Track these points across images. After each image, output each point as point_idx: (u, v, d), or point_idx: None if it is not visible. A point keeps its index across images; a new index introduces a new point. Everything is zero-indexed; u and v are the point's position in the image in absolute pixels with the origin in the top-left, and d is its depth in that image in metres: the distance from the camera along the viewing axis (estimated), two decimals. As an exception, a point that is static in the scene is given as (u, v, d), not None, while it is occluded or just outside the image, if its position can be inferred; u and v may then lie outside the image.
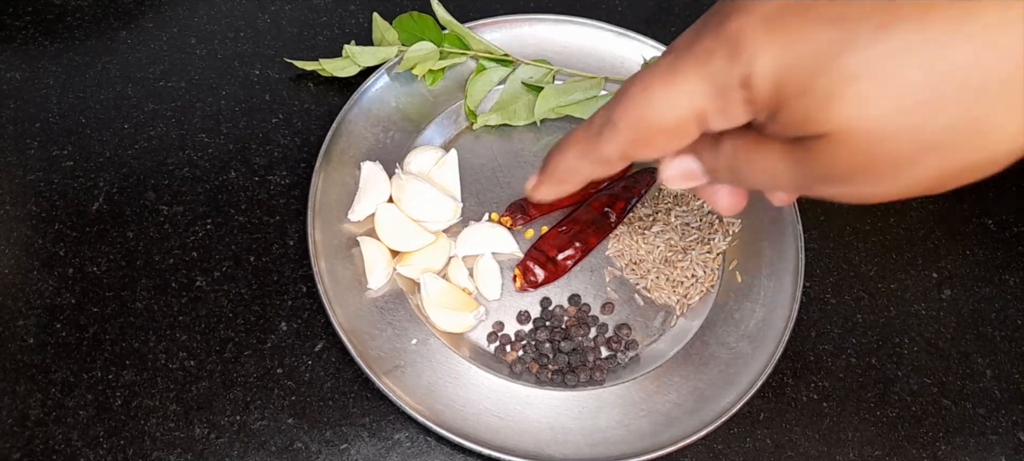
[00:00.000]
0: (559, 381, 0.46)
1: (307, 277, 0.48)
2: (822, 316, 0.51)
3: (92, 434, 0.43)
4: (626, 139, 0.31)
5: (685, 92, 0.28)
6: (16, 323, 0.45)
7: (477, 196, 0.52)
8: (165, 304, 0.47)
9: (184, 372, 0.45)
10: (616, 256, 0.51)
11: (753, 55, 0.26)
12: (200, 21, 0.57)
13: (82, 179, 0.50)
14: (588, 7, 0.62)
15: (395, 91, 0.54)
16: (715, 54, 0.27)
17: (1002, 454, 0.47)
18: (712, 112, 0.28)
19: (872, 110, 0.25)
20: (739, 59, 0.27)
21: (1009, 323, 0.52)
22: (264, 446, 0.43)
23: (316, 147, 0.51)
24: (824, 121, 0.26)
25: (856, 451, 0.47)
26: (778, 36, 0.26)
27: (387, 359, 0.45)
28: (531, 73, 0.55)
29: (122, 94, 0.53)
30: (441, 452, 0.44)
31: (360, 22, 0.58)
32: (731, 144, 0.30)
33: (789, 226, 0.51)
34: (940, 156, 0.27)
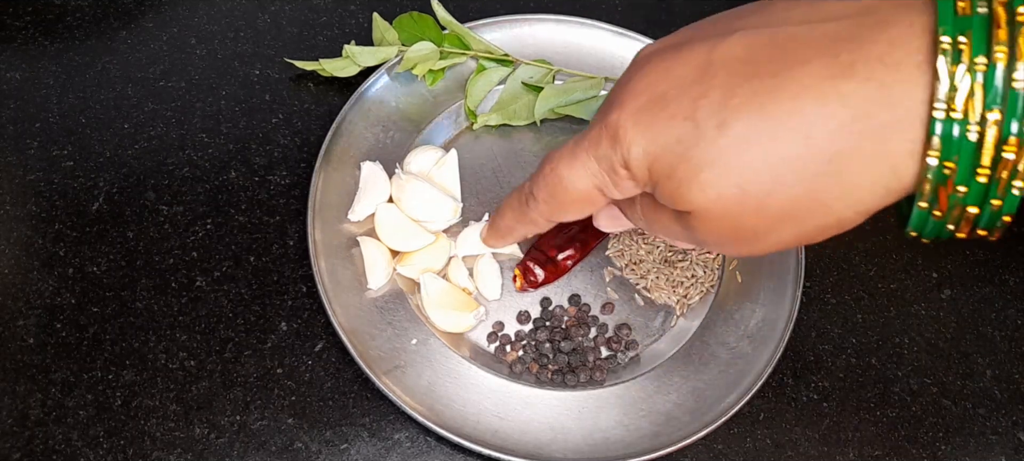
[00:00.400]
0: (559, 381, 0.46)
1: (307, 277, 0.48)
2: (822, 316, 0.51)
3: (92, 434, 0.43)
4: (546, 209, 0.38)
5: (583, 171, 0.35)
6: (16, 323, 0.45)
7: (477, 196, 0.52)
8: (165, 304, 0.47)
9: (184, 372, 0.45)
10: (616, 256, 0.51)
11: (629, 143, 0.32)
12: (200, 21, 0.57)
13: (82, 179, 0.50)
14: (588, 7, 0.62)
15: (395, 91, 0.54)
16: (602, 141, 0.33)
17: (1002, 454, 0.47)
18: (608, 186, 0.34)
19: (720, 192, 0.30)
20: (618, 146, 0.32)
21: (1009, 323, 0.52)
22: (264, 446, 0.43)
23: (316, 147, 0.51)
24: (687, 201, 0.31)
25: (856, 451, 0.47)
26: (644, 129, 0.31)
27: (387, 359, 0.45)
28: (531, 73, 0.55)
29: (122, 94, 0.53)
30: (441, 452, 0.44)
31: (360, 22, 0.58)
32: (640, 206, 0.36)
33: (789, 226, 0.51)
34: (794, 224, 0.31)
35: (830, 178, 0.29)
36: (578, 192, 0.35)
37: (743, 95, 0.29)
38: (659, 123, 0.31)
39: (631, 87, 0.32)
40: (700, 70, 0.31)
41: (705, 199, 0.31)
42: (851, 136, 0.28)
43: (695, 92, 0.30)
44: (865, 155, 0.28)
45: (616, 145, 0.32)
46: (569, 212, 0.37)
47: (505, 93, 0.54)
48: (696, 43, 0.32)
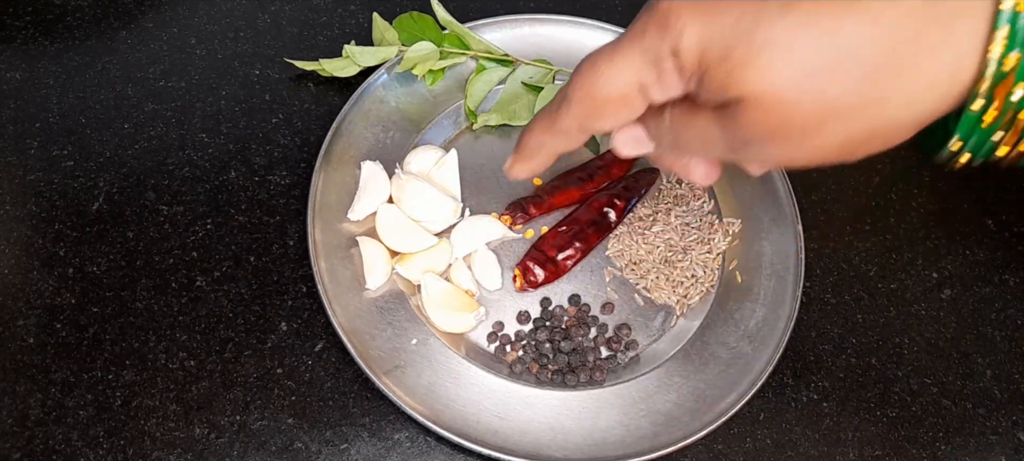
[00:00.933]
0: (559, 381, 0.46)
1: (307, 277, 0.48)
2: (822, 316, 0.51)
3: (92, 434, 0.43)
4: (580, 112, 0.35)
5: (626, 66, 0.32)
6: (16, 323, 0.45)
7: (477, 196, 0.52)
8: (165, 304, 0.47)
9: (184, 372, 0.45)
10: (616, 256, 0.51)
11: (680, 29, 0.30)
12: (200, 21, 0.57)
13: (82, 179, 0.50)
14: (588, 7, 0.62)
15: (395, 91, 0.54)
16: (648, 31, 0.31)
17: (1002, 454, 0.47)
18: (651, 82, 0.32)
19: (779, 76, 0.28)
20: (668, 33, 0.30)
21: (1009, 323, 0.52)
22: (264, 446, 0.43)
23: (316, 147, 0.51)
24: (739, 85, 0.29)
25: (856, 451, 0.47)
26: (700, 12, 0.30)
27: (387, 359, 0.45)
28: (531, 73, 0.55)
29: (122, 94, 0.53)
30: (441, 452, 0.44)
31: (360, 22, 0.58)
32: (671, 114, 0.34)
33: (789, 226, 0.51)
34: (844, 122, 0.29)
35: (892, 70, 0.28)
36: (617, 90, 0.33)
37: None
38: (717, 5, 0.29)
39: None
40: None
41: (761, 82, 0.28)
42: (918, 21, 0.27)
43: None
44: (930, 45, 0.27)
45: (665, 32, 0.30)
46: (604, 116, 0.34)
47: (505, 93, 0.54)
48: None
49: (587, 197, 0.53)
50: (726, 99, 0.30)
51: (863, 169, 0.57)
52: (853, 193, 0.56)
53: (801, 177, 0.56)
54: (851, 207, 0.55)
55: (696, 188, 0.53)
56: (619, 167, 0.54)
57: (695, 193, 0.53)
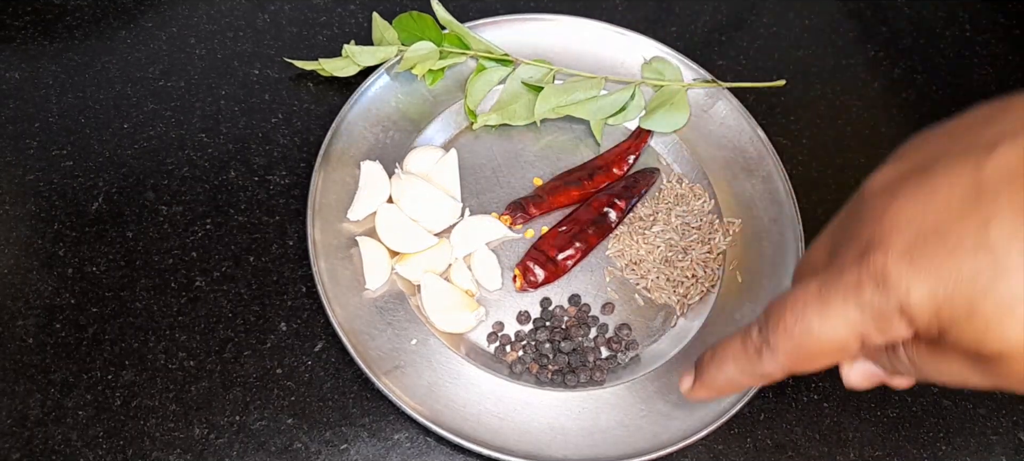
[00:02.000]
0: (559, 381, 0.46)
1: (307, 277, 0.48)
2: (822, 316, 0.51)
3: (91, 434, 0.43)
4: (788, 361, 0.33)
5: (842, 320, 0.30)
6: (16, 323, 0.45)
7: (477, 196, 0.52)
8: (165, 304, 0.47)
9: (184, 372, 0.45)
10: (616, 256, 0.51)
11: (907, 288, 0.28)
12: (200, 21, 0.57)
13: (81, 179, 0.50)
14: (588, 7, 0.62)
15: (395, 91, 0.53)
16: (864, 287, 0.29)
17: (1002, 454, 0.47)
18: (873, 332, 0.30)
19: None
20: (891, 292, 0.28)
21: (1009, 323, 0.51)
22: (264, 446, 0.43)
23: (316, 147, 0.51)
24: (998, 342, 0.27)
25: (856, 451, 0.46)
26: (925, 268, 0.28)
27: (387, 359, 0.45)
28: (531, 73, 0.55)
29: (121, 94, 0.53)
30: (441, 452, 0.44)
31: (360, 22, 0.58)
32: (908, 353, 0.32)
33: (789, 226, 0.51)
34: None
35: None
36: (833, 344, 0.31)
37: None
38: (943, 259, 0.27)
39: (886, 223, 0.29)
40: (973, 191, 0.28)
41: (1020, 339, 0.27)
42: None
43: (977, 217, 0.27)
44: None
45: (887, 291, 0.29)
46: (816, 364, 0.33)
47: (505, 93, 0.54)
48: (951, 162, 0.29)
49: (587, 197, 0.52)
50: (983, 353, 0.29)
51: (863, 169, 0.57)
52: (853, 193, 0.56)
53: (801, 177, 0.56)
54: (851, 207, 0.55)
55: (696, 188, 0.53)
56: (619, 167, 0.54)
57: (695, 193, 0.53)
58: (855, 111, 0.60)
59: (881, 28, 0.65)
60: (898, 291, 0.28)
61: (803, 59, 0.62)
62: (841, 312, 0.30)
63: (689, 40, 0.61)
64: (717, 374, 0.37)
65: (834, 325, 0.31)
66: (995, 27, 0.66)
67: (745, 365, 0.35)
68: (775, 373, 0.34)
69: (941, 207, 0.28)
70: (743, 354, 0.35)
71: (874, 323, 0.30)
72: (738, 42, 0.62)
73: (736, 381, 0.36)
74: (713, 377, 0.37)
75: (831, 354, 0.32)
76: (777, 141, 0.56)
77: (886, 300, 0.29)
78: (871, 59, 0.63)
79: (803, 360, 0.33)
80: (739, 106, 0.55)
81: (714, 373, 0.37)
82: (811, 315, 0.31)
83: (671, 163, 0.55)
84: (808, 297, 0.31)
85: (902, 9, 0.66)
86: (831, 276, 0.31)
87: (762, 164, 0.54)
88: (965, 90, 0.62)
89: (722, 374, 0.36)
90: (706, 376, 0.37)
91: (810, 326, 0.31)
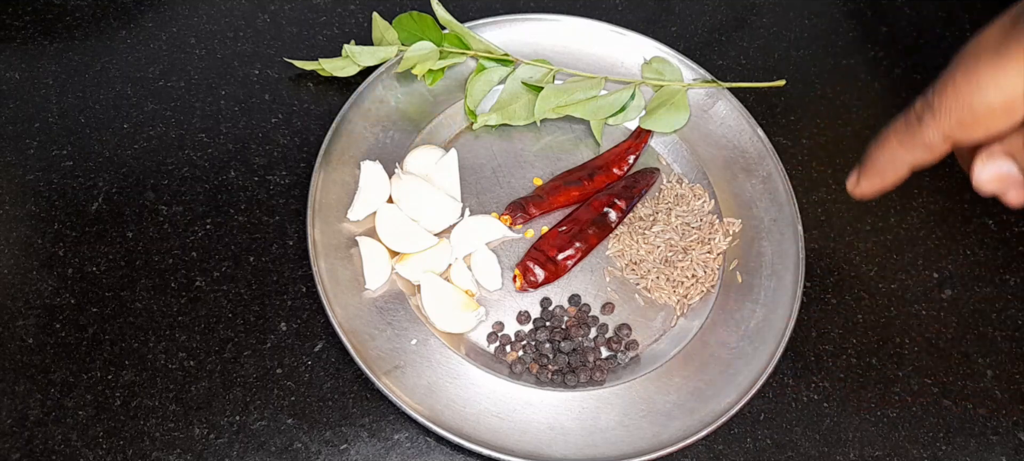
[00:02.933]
0: (559, 381, 0.46)
1: (307, 277, 0.48)
2: (822, 316, 0.51)
3: (91, 434, 0.43)
4: (951, 122, 0.32)
5: (1017, 74, 0.30)
6: (16, 323, 0.45)
7: (477, 196, 0.52)
8: (165, 304, 0.47)
9: (184, 372, 0.45)
10: (616, 256, 0.51)
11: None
12: (200, 21, 0.57)
13: (81, 179, 0.50)
14: (588, 7, 0.62)
15: (395, 91, 0.53)
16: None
17: (1002, 454, 0.47)
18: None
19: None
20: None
21: (1010, 323, 0.51)
22: (264, 446, 0.43)
23: (316, 147, 0.51)
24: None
25: (856, 451, 0.46)
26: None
27: (387, 359, 0.45)
28: (531, 73, 0.55)
29: (121, 94, 0.53)
30: (441, 452, 0.44)
31: (360, 22, 0.58)
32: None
33: (789, 226, 0.51)
34: None
35: None
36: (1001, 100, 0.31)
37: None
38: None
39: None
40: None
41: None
42: None
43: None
44: None
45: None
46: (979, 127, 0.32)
47: (505, 93, 0.54)
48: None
49: (587, 197, 0.52)
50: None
51: (863, 169, 0.57)
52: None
53: (801, 177, 0.56)
54: (851, 207, 0.55)
55: (696, 188, 0.53)
56: (619, 167, 0.54)
57: (695, 193, 0.53)
58: (855, 111, 0.60)
59: (881, 28, 0.65)
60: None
61: (803, 59, 0.62)
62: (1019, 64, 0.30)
63: (689, 40, 0.61)
64: (880, 154, 0.36)
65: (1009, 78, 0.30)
66: (995, 27, 0.66)
67: (906, 136, 0.35)
68: (936, 140, 0.34)
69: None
70: (905, 126, 0.35)
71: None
72: (738, 42, 0.62)
73: (898, 157, 0.36)
74: (876, 159, 0.37)
75: (997, 115, 0.31)
76: (777, 141, 0.56)
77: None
78: (871, 59, 0.63)
79: (966, 122, 0.32)
80: (739, 106, 0.55)
81: (877, 154, 0.37)
82: (983, 71, 0.31)
83: (671, 163, 0.55)
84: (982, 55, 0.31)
85: (902, 9, 0.66)
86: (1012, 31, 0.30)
87: (762, 164, 0.54)
88: (965, 90, 0.62)
89: (884, 153, 0.36)
90: (870, 160, 0.37)
91: (981, 80, 0.31)
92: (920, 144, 0.34)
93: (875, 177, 0.38)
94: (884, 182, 0.38)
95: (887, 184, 0.38)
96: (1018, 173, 0.34)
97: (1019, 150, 0.33)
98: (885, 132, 0.36)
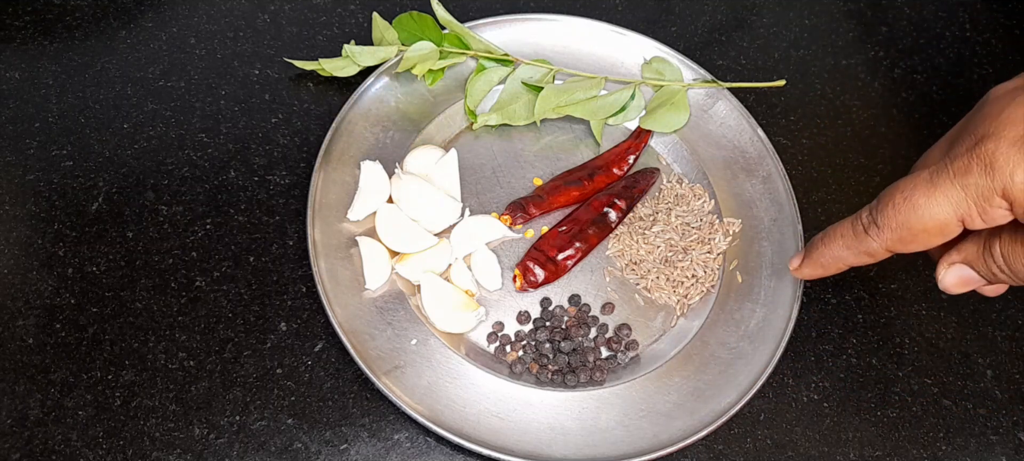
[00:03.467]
0: (559, 381, 0.46)
1: (307, 277, 0.48)
2: (822, 316, 0.51)
3: (91, 434, 0.43)
4: (892, 238, 0.37)
5: (946, 201, 0.35)
6: (16, 323, 0.45)
7: (477, 196, 0.52)
8: (165, 304, 0.47)
9: (184, 372, 0.45)
10: (616, 256, 0.51)
11: (1011, 172, 0.32)
12: (200, 21, 0.57)
13: (81, 179, 0.50)
14: (588, 7, 0.62)
15: (395, 91, 0.53)
16: (972, 171, 0.34)
17: (1003, 454, 0.47)
18: (973, 216, 0.34)
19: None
20: (997, 175, 0.33)
21: (1010, 323, 0.51)
22: (264, 446, 0.43)
23: (316, 147, 0.51)
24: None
25: (856, 451, 0.46)
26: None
27: (387, 359, 0.45)
28: (531, 73, 0.55)
29: (121, 94, 0.53)
30: (441, 452, 0.44)
31: (360, 22, 0.58)
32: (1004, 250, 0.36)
33: (789, 226, 0.51)
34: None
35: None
36: (935, 222, 0.35)
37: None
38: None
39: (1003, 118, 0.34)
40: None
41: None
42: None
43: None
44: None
45: (994, 173, 0.33)
46: (917, 242, 0.37)
47: (505, 93, 0.54)
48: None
49: (587, 197, 0.52)
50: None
51: (863, 169, 0.57)
52: (853, 193, 0.56)
53: (801, 177, 0.56)
54: (851, 207, 0.55)
55: (696, 188, 0.53)
56: (619, 167, 0.54)
57: (695, 193, 0.53)
58: (855, 111, 0.60)
59: (881, 28, 0.65)
60: (1003, 174, 0.32)
61: (803, 59, 0.62)
62: (947, 193, 0.34)
63: (689, 40, 0.61)
64: (825, 251, 0.41)
65: (939, 203, 0.35)
66: (995, 27, 0.66)
67: (852, 242, 0.39)
68: (878, 250, 0.38)
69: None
70: (851, 232, 0.39)
71: (976, 204, 0.34)
72: (738, 42, 0.62)
73: (842, 258, 0.41)
74: (821, 254, 0.42)
75: (932, 233, 0.36)
76: (777, 141, 0.56)
77: (991, 182, 0.33)
78: (871, 59, 0.63)
79: (906, 238, 0.37)
80: (739, 106, 0.55)
81: (822, 250, 0.41)
82: (919, 195, 0.35)
83: (671, 163, 0.55)
84: (918, 181, 0.36)
85: (902, 9, 0.66)
86: (943, 163, 0.35)
87: (762, 164, 0.54)
88: (965, 90, 0.62)
89: (830, 251, 0.41)
90: (815, 253, 0.42)
91: (916, 204, 0.35)
92: (863, 251, 0.39)
93: (817, 268, 0.42)
94: (825, 273, 0.42)
95: (827, 274, 0.43)
96: (977, 277, 0.39)
97: (974, 257, 0.38)
98: (832, 230, 0.41)
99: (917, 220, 0.36)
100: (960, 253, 0.38)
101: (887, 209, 0.37)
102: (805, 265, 0.43)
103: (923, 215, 0.35)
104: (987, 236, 0.37)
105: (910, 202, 0.36)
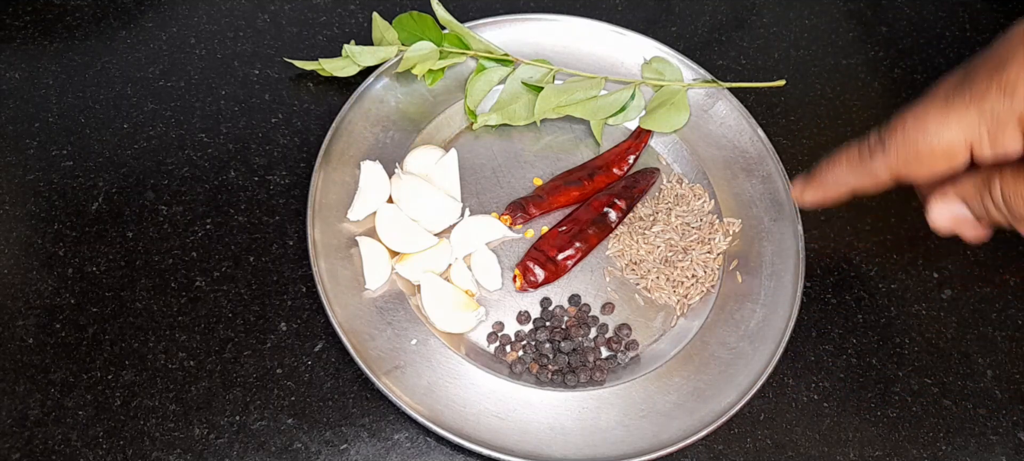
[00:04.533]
0: (559, 381, 0.46)
1: (307, 277, 0.48)
2: (822, 316, 0.51)
3: (91, 434, 0.43)
4: (897, 159, 0.37)
5: (959, 122, 0.34)
6: (16, 323, 0.45)
7: (477, 196, 0.52)
8: (165, 304, 0.47)
9: (184, 372, 0.45)
10: (616, 256, 0.51)
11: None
12: (200, 21, 0.57)
13: (81, 179, 0.50)
14: (588, 7, 0.62)
15: (395, 91, 0.53)
16: (990, 95, 0.33)
17: (1002, 454, 0.47)
18: (984, 142, 0.34)
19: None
20: (1016, 100, 0.32)
21: (1010, 323, 0.51)
22: (264, 446, 0.43)
23: (316, 147, 0.51)
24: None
25: (856, 451, 0.46)
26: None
27: (387, 359, 0.45)
28: (531, 73, 0.55)
29: (121, 94, 0.53)
30: (441, 452, 0.44)
31: (360, 22, 0.58)
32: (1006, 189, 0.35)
33: (789, 226, 0.51)
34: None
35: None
36: (944, 144, 0.34)
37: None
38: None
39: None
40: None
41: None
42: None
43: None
44: None
45: (1012, 98, 0.32)
46: (922, 166, 0.36)
47: (505, 93, 0.54)
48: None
49: (587, 197, 0.52)
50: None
51: (863, 169, 0.57)
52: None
53: (801, 177, 0.56)
54: (851, 207, 0.55)
55: (696, 188, 0.53)
56: (619, 167, 0.54)
57: (695, 193, 0.53)
58: (855, 111, 0.60)
59: (881, 28, 0.65)
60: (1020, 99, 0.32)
61: (803, 59, 0.62)
62: (961, 115, 0.34)
63: (689, 40, 0.61)
64: (828, 174, 0.40)
65: (951, 126, 0.34)
66: (995, 27, 0.66)
67: (857, 163, 0.39)
68: (882, 173, 0.37)
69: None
70: (856, 153, 0.39)
71: (989, 130, 0.33)
72: (738, 42, 0.62)
73: (845, 180, 0.40)
74: (824, 176, 0.41)
75: (938, 156, 0.35)
76: (777, 141, 0.56)
77: (1008, 106, 0.32)
78: (871, 59, 0.63)
79: (911, 161, 0.36)
80: (739, 106, 0.55)
81: (826, 173, 0.40)
82: (931, 116, 0.34)
83: (671, 163, 0.55)
84: (932, 103, 0.35)
85: (902, 9, 0.66)
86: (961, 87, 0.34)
87: (762, 164, 0.54)
88: (965, 90, 0.62)
89: (833, 173, 0.40)
90: (819, 175, 0.41)
91: (927, 125, 0.35)
92: (867, 172, 0.38)
93: (819, 190, 0.42)
94: (826, 197, 0.42)
95: (828, 199, 0.42)
96: (969, 214, 0.38)
97: (970, 194, 0.37)
98: (838, 153, 0.40)
99: (925, 142, 0.35)
100: (956, 187, 0.37)
101: (896, 130, 0.36)
102: (807, 188, 0.42)
103: (931, 137, 0.35)
104: (987, 173, 0.36)
105: (921, 123, 0.35)
